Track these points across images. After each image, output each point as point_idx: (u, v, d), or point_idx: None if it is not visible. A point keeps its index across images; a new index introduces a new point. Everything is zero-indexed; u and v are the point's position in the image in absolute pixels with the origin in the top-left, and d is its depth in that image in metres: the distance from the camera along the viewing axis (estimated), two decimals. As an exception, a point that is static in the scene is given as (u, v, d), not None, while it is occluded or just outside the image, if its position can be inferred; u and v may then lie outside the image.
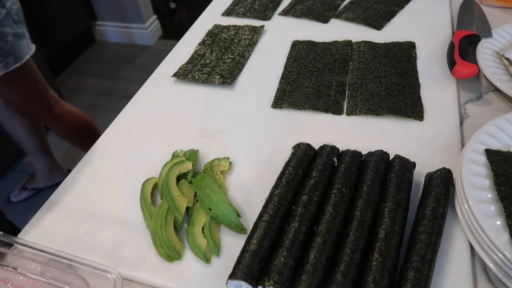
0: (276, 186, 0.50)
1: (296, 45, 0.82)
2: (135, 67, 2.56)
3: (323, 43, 0.81)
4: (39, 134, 1.62)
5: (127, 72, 2.52)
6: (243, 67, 0.78)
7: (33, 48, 1.21)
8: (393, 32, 0.83)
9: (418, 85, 0.69)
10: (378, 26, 0.85)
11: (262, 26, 0.87)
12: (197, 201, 0.53)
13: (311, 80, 0.73)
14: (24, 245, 0.45)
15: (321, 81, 0.72)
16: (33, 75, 1.26)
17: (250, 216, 0.52)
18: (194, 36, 0.88)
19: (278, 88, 0.72)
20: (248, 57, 0.80)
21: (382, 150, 0.53)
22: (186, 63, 0.80)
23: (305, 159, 0.53)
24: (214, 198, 0.52)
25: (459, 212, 0.48)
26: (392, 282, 0.41)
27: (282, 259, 0.42)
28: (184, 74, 0.77)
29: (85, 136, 1.51)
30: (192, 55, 0.82)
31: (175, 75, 0.77)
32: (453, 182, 0.51)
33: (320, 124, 0.65)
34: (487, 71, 0.67)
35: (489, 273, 0.45)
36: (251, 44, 0.83)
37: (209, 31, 0.88)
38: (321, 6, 0.93)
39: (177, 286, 0.46)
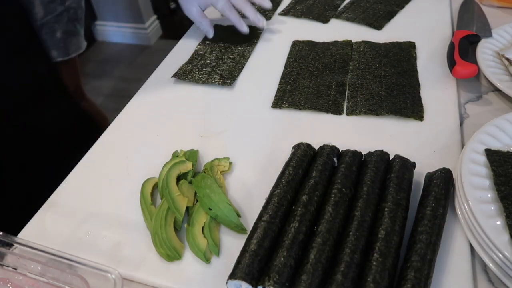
0: (276, 186, 0.50)
1: (296, 45, 0.82)
2: (135, 67, 2.56)
3: (323, 43, 0.81)
4: None
5: (127, 72, 2.52)
6: (243, 67, 0.78)
7: (83, 46, 1.20)
8: (393, 32, 0.83)
9: (418, 85, 0.69)
10: (378, 26, 0.85)
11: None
12: (197, 201, 0.53)
13: (311, 80, 0.73)
14: (24, 245, 0.45)
15: (321, 81, 0.72)
16: (72, 70, 1.27)
17: (250, 216, 0.52)
18: (194, 36, 0.88)
19: (278, 88, 0.72)
20: (248, 57, 0.80)
21: (382, 150, 0.53)
22: (186, 63, 0.80)
23: (305, 159, 0.53)
24: (214, 198, 0.52)
25: (459, 212, 0.48)
26: (392, 282, 0.41)
27: (282, 259, 0.42)
28: (184, 75, 0.77)
29: None
30: (192, 55, 0.82)
31: (175, 75, 0.77)
32: (453, 182, 0.51)
33: (320, 124, 0.65)
34: (487, 71, 0.67)
35: (489, 273, 0.45)
36: (251, 45, 0.83)
37: None
38: (321, 6, 0.93)
39: (177, 286, 0.46)
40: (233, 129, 0.66)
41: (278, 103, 0.69)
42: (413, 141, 0.60)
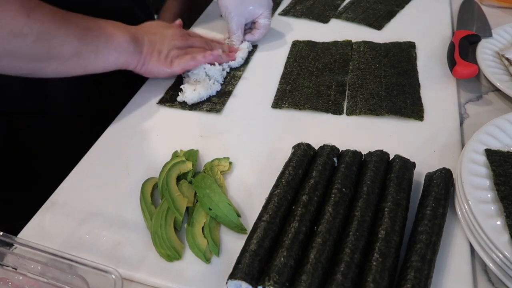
0: (276, 186, 0.50)
1: (296, 45, 0.82)
2: (135, 67, 2.55)
3: (323, 43, 0.81)
4: None
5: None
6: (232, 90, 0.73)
7: None
8: (393, 32, 0.83)
9: (418, 85, 0.69)
10: (378, 26, 0.85)
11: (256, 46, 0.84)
12: (197, 201, 0.53)
13: (311, 80, 0.73)
14: (24, 245, 0.45)
15: (321, 81, 0.72)
16: None
17: (250, 216, 0.52)
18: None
19: (278, 88, 0.72)
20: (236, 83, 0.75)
21: (382, 150, 0.53)
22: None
23: (305, 159, 0.53)
24: (214, 198, 0.52)
25: (459, 212, 0.48)
26: (392, 282, 0.41)
27: (282, 259, 0.42)
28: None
29: None
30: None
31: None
32: (453, 182, 0.51)
33: (320, 124, 0.65)
34: (487, 71, 0.67)
35: (489, 273, 0.45)
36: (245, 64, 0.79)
37: None
38: (321, 6, 0.93)
39: (177, 286, 0.46)
40: (233, 129, 0.66)
41: (278, 103, 0.69)
42: (413, 141, 0.60)
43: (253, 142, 0.63)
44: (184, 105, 0.70)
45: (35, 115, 0.75)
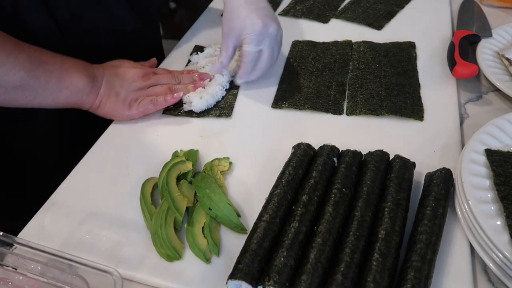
0: (276, 186, 0.50)
1: (296, 45, 0.82)
2: (135, 67, 2.55)
3: (323, 43, 0.81)
4: None
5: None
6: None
7: None
8: (393, 32, 0.83)
9: (418, 85, 0.69)
10: (378, 26, 0.85)
11: None
12: (197, 201, 0.53)
13: (311, 80, 0.73)
14: (24, 245, 0.45)
15: (321, 81, 0.72)
16: None
17: (250, 216, 0.52)
18: (194, 36, 0.88)
19: (278, 88, 0.72)
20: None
21: (382, 150, 0.54)
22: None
23: (305, 159, 0.53)
24: (214, 198, 0.52)
25: (459, 212, 0.48)
26: (392, 282, 0.41)
27: (282, 259, 0.42)
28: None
29: None
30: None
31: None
32: (453, 182, 0.51)
33: (320, 124, 0.65)
34: (487, 71, 0.67)
35: (489, 273, 0.45)
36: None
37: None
38: (321, 6, 0.93)
39: (177, 286, 0.46)
40: (233, 129, 0.66)
41: (278, 103, 0.69)
42: (413, 141, 0.60)
43: (253, 142, 0.63)
44: (191, 113, 0.69)
45: (23, 120, 0.73)
